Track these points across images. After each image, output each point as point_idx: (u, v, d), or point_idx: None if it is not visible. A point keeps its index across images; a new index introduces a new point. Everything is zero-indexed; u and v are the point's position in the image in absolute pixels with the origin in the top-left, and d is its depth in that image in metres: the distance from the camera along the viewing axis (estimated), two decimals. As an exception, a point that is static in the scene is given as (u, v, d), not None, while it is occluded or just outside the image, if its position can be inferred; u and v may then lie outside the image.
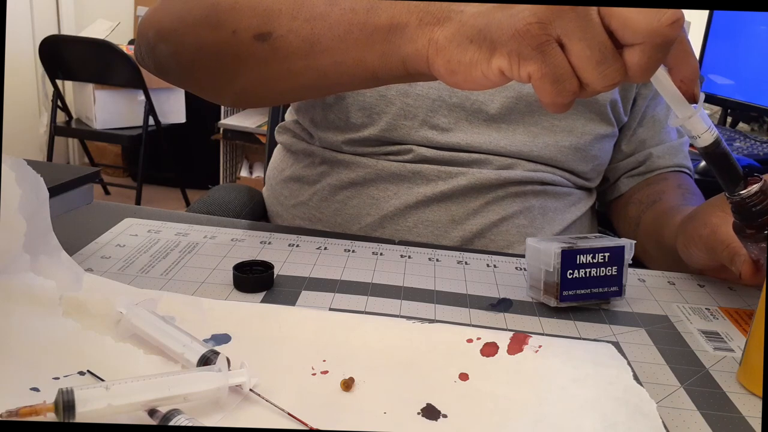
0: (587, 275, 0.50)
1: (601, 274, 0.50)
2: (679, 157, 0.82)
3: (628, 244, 0.50)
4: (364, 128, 0.70)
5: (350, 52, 0.48)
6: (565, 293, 0.49)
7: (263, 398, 0.35)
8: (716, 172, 0.45)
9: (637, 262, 0.73)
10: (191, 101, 2.81)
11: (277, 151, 0.84)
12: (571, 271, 0.49)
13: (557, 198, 0.74)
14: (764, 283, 0.41)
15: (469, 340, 0.44)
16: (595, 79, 0.39)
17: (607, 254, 0.50)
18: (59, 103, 2.74)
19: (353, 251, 0.59)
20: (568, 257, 0.49)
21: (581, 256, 0.49)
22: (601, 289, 0.50)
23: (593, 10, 0.38)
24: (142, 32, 0.61)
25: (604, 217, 0.87)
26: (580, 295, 0.50)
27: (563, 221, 0.74)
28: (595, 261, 0.50)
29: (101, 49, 2.46)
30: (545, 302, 0.51)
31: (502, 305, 0.51)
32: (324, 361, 0.40)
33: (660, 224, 0.69)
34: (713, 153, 0.43)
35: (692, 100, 0.42)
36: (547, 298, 0.50)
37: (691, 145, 0.65)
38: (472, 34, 0.42)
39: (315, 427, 0.34)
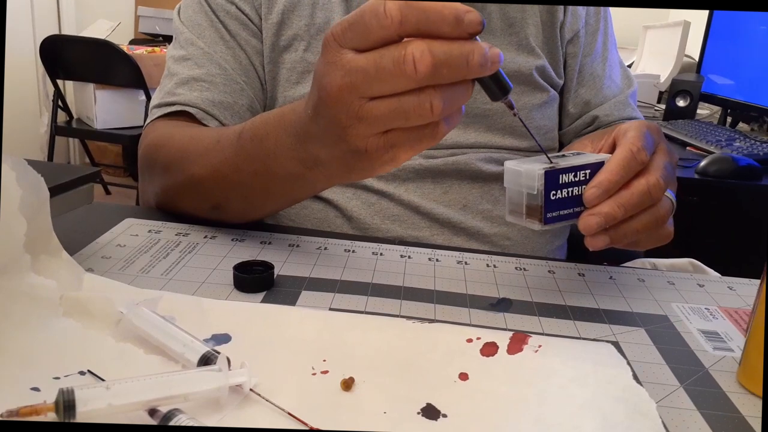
0: (570, 195, 0.48)
1: (583, 192, 0.49)
2: (627, 110, 0.81)
3: (608, 159, 0.49)
4: None
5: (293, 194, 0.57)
6: (549, 215, 0.48)
7: (263, 398, 0.36)
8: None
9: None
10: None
11: None
12: (554, 192, 0.47)
13: None
14: (763, 282, 0.41)
15: (469, 340, 0.44)
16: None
17: (588, 171, 0.49)
18: (60, 102, 2.73)
19: (353, 251, 0.59)
20: (551, 178, 0.47)
21: (563, 175, 0.48)
22: (583, 208, 0.49)
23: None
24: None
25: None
26: (564, 215, 0.48)
27: None
28: (576, 179, 0.48)
29: (102, 49, 2.46)
30: (528, 226, 0.49)
31: (502, 305, 0.51)
32: (324, 361, 0.40)
33: None
34: None
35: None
36: (531, 222, 0.48)
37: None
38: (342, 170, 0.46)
39: (315, 427, 0.34)
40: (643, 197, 0.48)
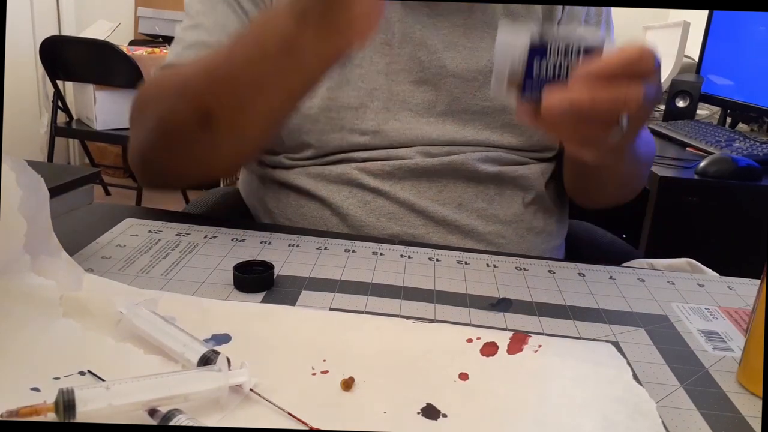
0: (557, 72, 0.45)
1: (570, 72, 0.45)
2: None
3: (610, 47, 0.46)
4: (301, 150, 0.71)
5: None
6: (528, 89, 0.45)
7: (263, 398, 0.36)
8: None
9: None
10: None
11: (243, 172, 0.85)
12: (539, 67, 0.45)
13: (512, 176, 0.73)
14: (763, 282, 0.41)
15: (469, 340, 0.44)
16: None
17: (580, 52, 0.45)
18: (60, 103, 2.73)
19: (353, 251, 0.59)
20: (538, 53, 0.44)
21: (552, 52, 0.45)
22: None
23: None
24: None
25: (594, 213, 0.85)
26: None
27: (525, 197, 0.74)
28: (566, 58, 0.45)
29: (102, 49, 2.46)
30: (508, 98, 0.47)
31: (502, 305, 0.51)
32: (324, 361, 0.40)
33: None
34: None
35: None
36: (510, 93, 0.46)
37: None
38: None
39: (315, 427, 0.34)
40: (617, 104, 0.44)
